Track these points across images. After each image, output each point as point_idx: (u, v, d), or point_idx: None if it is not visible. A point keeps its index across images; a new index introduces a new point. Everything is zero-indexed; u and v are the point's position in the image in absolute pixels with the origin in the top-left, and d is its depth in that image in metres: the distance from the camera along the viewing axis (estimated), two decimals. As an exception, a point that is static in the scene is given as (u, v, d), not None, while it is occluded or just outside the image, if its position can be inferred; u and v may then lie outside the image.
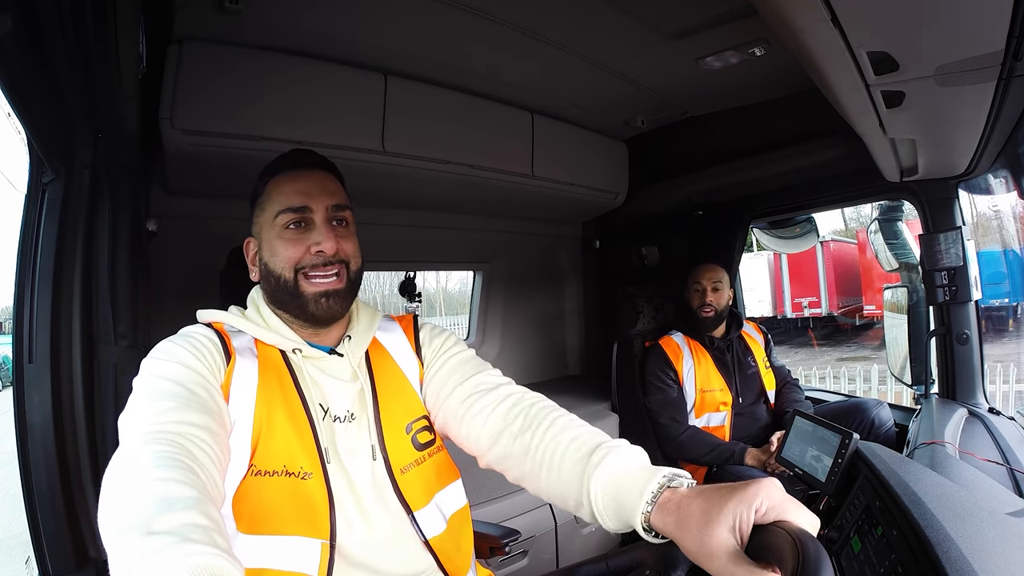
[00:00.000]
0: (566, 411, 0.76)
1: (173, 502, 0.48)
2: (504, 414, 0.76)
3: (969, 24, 0.76)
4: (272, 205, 0.78)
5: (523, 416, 0.75)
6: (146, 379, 0.66)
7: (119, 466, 0.54)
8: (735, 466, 1.80)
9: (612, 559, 0.70)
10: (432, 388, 0.85)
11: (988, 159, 1.45)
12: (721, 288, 1.97)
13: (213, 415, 0.64)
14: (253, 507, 0.67)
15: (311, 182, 0.78)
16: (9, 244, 1.10)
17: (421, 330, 0.91)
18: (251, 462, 0.69)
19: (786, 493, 0.52)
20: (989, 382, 1.79)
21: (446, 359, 0.86)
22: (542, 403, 0.77)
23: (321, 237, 0.76)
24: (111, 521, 0.47)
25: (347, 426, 0.77)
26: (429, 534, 0.77)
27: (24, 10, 0.81)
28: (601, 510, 0.62)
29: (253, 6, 1.27)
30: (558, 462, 0.68)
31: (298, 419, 0.73)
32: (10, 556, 2.96)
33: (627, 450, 0.65)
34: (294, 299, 0.77)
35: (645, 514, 0.57)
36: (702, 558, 0.50)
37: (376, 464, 0.77)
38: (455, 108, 1.83)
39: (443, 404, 0.82)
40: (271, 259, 0.78)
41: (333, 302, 0.77)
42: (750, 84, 1.88)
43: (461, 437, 0.81)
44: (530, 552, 1.83)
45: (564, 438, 0.70)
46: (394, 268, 2.62)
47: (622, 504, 0.60)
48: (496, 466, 0.77)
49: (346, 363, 0.81)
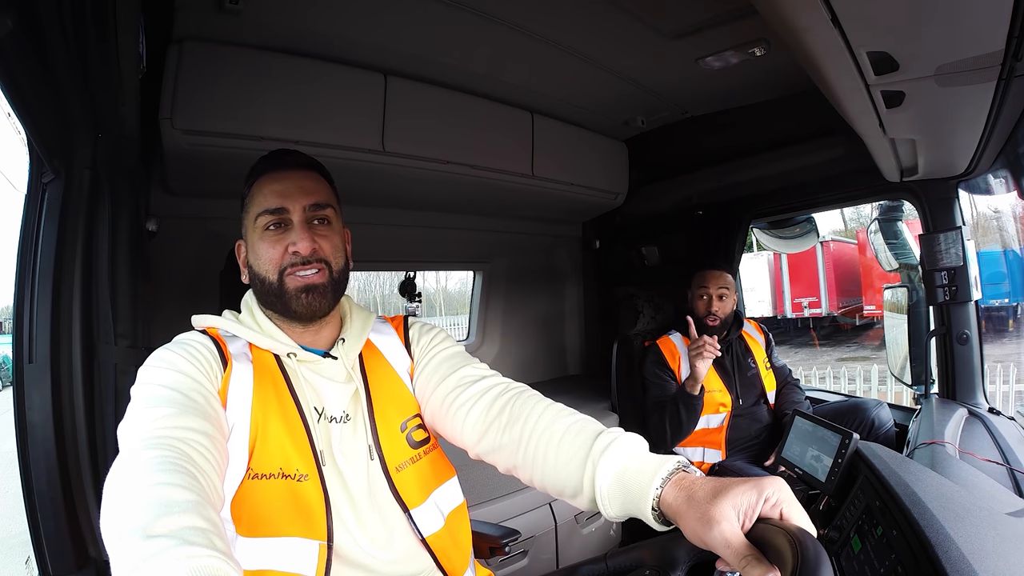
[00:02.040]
0: (551, 400, 0.76)
1: (172, 506, 0.48)
2: (489, 405, 0.76)
3: (969, 24, 0.76)
4: (253, 207, 0.78)
5: (511, 406, 0.75)
6: (143, 387, 0.66)
7: (119, 471, 0.54)
8: (736, 465, 1.81)
9: (612, 559, 0.70)
10: (420, 383, 0.85)
11: (988, 159, 1.45)
12: (727, 295, 1.95)
13: (211, 420, 0.65)
14: (251, 510, 0.68)
15: (289, 182, 0.78)
16: (9, 244, 1.10)
17: (411, 328, 0.91)
18: (248, 465, 0.69)
19: (794, 496, 0.53)
20: (989, 382, 1.79)
21: (433, 355, 0.86)
22: (527, 393, 0.77)
23: (296, 237, 0.76)
24: (112, 525, 0.48)
25: (342, 427, 0.77)
26: (426, 532, 0.78)
27: (24, 10, 0.81)
28: (605, 496, 0.62)
29: (253, 6, 1.28)
30: (554, 451, 0.68)
31: (293, 423, 0.73)
32: (10, 556, 2.96)
33: (630, 437, 0.66)
34: (278, 299, 0.77)
35: (657, 493, 0.57)
36: (701, 528, 0.51)
37: (372, 464, 0.77)
38: (455, 108, 1.83)
39: (429, 399, 0.83)
40: (255, 261, 0.78)
41: (313, 298, 0.77)
42: (750, 84, 1.88)
43: (448, 431, 0.81)
44: (530, 552, 1.83)
45: (558, 426, 0.70)
46: (394, 268, 2.63)
47: (630, 488, 0.60)
48: (486, 458, 0.77)
49: (340, 365, 0.81)
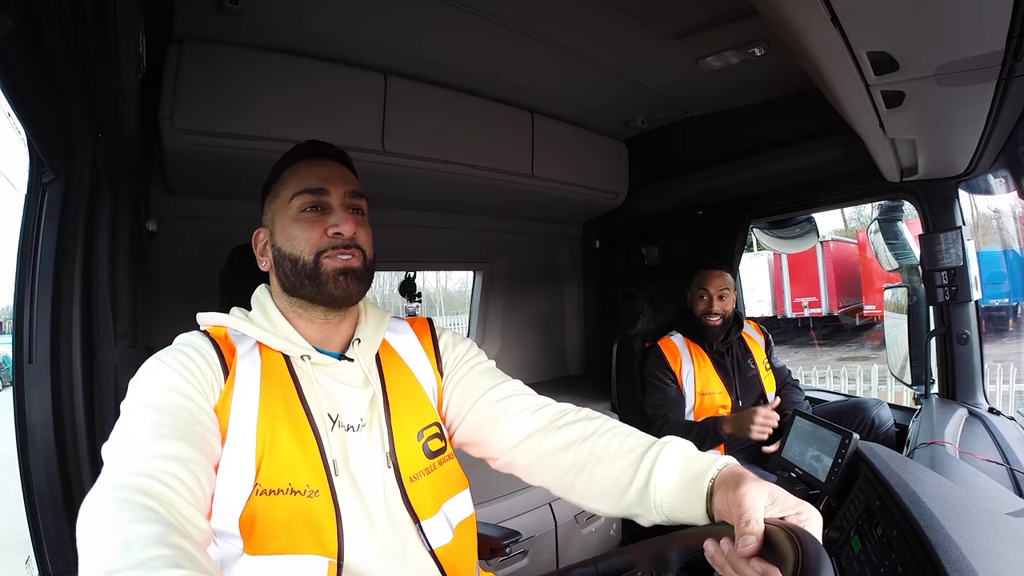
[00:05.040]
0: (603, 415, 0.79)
1: (131, 544, 0.47)
2: (550, 416, 0.78)
3: (969, 24, 0.76)
4: (287, 190, 0.76)
5: (565, 415, 0.78)
6: (129, 406, 0.64)
7: (86, 513, 0.53)
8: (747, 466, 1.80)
9: (602, 562, 0.69)
10: (455, 395, 0.84)
11: (988, 159, 1.45)
12: (727, 296, 1.95)
13: (194, 443, 0.62)
14: (260, 527, 0.65)
15: (328, 169, 0.78)
16: (9, 244, 1.10)
17: (441, 336, 0.89)
18: (256, 481, 0.66)
19: (817, 511, 0.57)
20: (989, 382, 1.79)
21: (471, 366, 0.85)
22: (584, 411, 0.79)
23: (339, 220, 0.74)
24: (81, 570, 0.48)
25: (358, 435, 0.75)
26: (435, 544, 0.75)
27: (24, 10, 0.80)
28: (660, 484, 0.66)
29: (253, 6, 1.27)
30: (611, 455, 0.71)
31: (302, 433, 0.70)
32: (10, 556, 2.96)
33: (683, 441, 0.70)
34: (312, 281, 0.74)
35: (717, 471, 0.62)
36: (732, 503, 0.56)
37: (387, 473, 0.75)
38: (455, 108, 1.83)
39: (470, 410, 0.82)
40: (285, 243, 0.75)
41: (351, 281, 0.75)
42: (750, 84, 1.88)
43: (493, 438, 0.80)
44: (530, 552, 1.84)
45: (614, 430, 0.74)
46: (394, 268, 2.62)
47: (691, 468, 0.65)
48: (529, 463, 0.78)
49: (357, 368, 0.78)
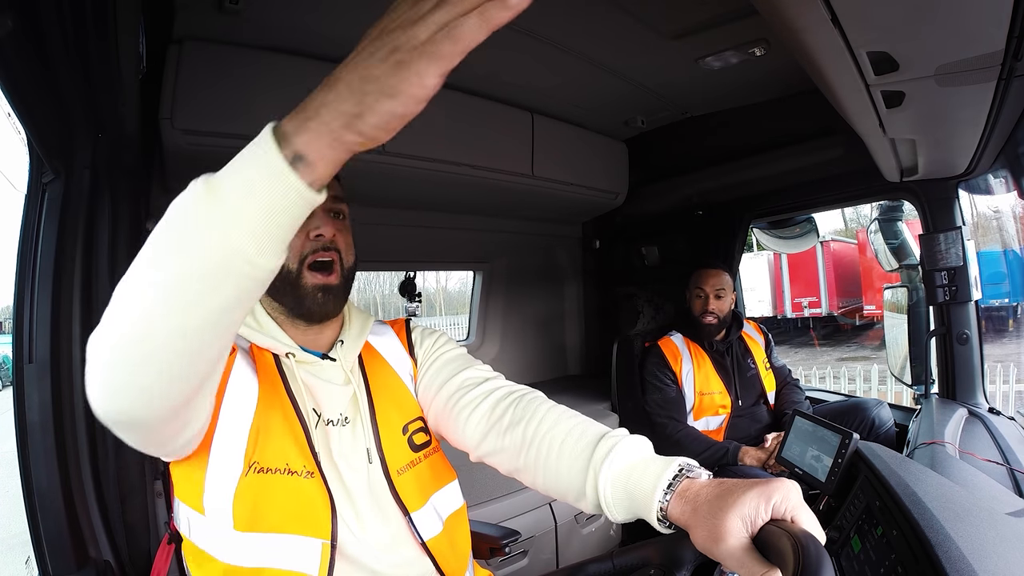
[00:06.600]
0: (555, 403, 0.76)
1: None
2: (492, 407, 0.76)
3: (969, 24, 0.76)
4: None
5: (513, 408, 0.75)
6: None
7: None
8: (738, 467, 1.80)
9: (617, 558, 0.70)
10: (423, 386, 0.85)
11: (988, 159, 1.45)
12: (724, 295, 1.95)
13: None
14: (254, 504, 0.67)
15: None
16: (9, 244, 1.10)
17: (413, 331, 0.91)
18: (251, 459, 0.68)
19: (803, 499, 0.52)
20: (989, 382, 1.79)
21: (436, 357, 0.87)
22: (531, 395, 0.77)
23: (320, 222, 0.76)
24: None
25: (340, 430, 0.77)
26: (426, 536, 0.77)
27: (24, 10, 0.80)
28: (610, 502, 0.62)
29: (253, 6, 1.27)
30: (555, 455, 0.68)
31: (293, 424, 0.73)
32: (10, 556, 2.96)
33: (633, 440, 0.65)
34: (292, 291, 0.76)
35: (662, 504, 0.56)
36: (710, 543, 0.50)
37: (372, 467, 0.77)
38: (455, 108, 1.83)
39: (432, 401, 0.83)
40: None
41: (328, 299, 0.77)
42: (750, 84, 1.88)
43: (451, 433, 0.81)
44: (530, 552, 1.83)
45: (559, 430, 0.69)
46: (394, 268, 2.62)
47: (634, 495, 0.59)
48: (487, 460, 0.77)
49: (339, 367, 0.80)
